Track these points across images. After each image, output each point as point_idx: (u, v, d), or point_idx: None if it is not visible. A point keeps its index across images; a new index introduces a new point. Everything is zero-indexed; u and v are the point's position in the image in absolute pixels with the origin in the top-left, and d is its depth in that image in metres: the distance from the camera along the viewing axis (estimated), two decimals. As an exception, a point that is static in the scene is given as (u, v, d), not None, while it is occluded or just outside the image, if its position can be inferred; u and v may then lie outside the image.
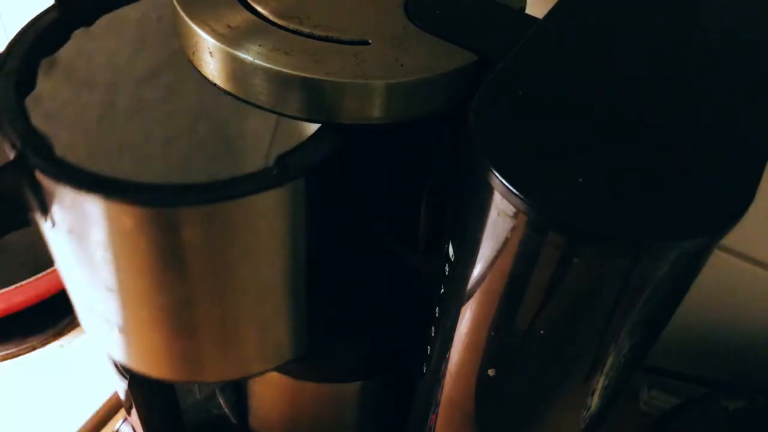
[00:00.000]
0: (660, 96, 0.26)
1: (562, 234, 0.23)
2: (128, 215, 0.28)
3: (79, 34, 0.35)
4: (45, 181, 0.28)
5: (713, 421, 0.41)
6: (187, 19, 0.31)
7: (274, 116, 0.41)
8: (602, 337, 0.26)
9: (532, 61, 0.27)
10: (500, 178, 0.22)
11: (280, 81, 0.29)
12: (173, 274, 0.31)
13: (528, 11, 0.35)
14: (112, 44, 0.37)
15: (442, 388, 0.34)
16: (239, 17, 0.31)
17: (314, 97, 0.29)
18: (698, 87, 0.27)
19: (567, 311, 0.25)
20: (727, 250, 0.45)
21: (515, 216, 0.23)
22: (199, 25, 0.30)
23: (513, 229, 0.24)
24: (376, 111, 0.30)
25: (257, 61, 0.29)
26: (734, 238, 0.29)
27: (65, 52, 0.35)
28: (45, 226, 0.31)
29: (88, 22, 0.36)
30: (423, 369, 0.36)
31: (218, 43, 0.30)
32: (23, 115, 0.30)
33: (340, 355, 0.44)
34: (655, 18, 0.30)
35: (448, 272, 0.30)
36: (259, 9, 0.32)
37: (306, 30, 0.31)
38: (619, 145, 0.24)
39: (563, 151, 0.24)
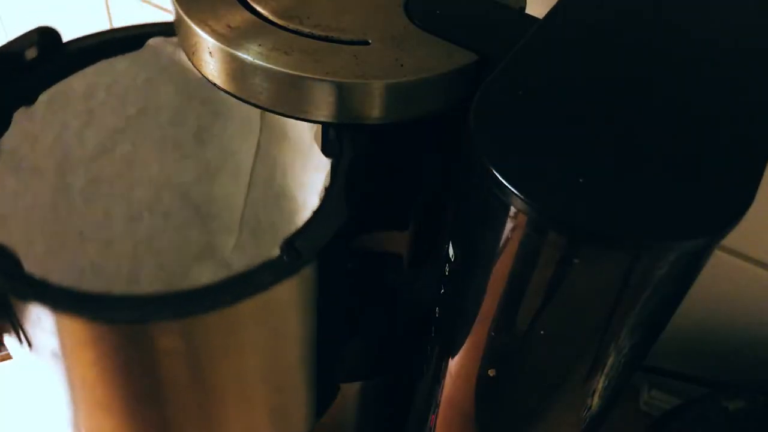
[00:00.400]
0: (660, 95, 0.26)
1: (563, 234, 0.23)
2: (113, 334, 0.25)
3: (20, 116, 0.31)
4: (18, 305, 0.25)
5: (713, 421, 0.41)
6: (186, 18, 0.31)
7: (244, 176, 0.40)
8: (602, 337, 0.26)
9: (532, 61, 0.27)
10: (500, 178, 0.22)
11: (279, 81, 0.29)
12: (159, 390, 0.28)
13: (528, 11, 0.35)
14: (58, 121, 0.33)
15: (442, 389, 0.34)
16: (239, 17, 0.31)
17: (314, 97, 0.29)
18: (699, 87, 0.27)
19: (567, 311, 0.25)
20: (727, 250, 0.45)
21: (515, 216, 0.23)
22: (198, 25, 0.30)
23: (513, 230, 0.24)
24: (375, 111, 0.30)
25: (257, 61, 0.29)
26: (734, 238, 0.29)
27: (7, 139, 0.31)
28: (17, 348, 0.28)
29: (28, 99, 0.31)
30: (423, 369, 0.36)
31: (218, 43, 0.30)
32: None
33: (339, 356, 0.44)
34: (656, 17, 0.30)
35: (448, 272, 0.30)
36: (259, 9, 0.32)
37: (306, 30, 0.31)
38: (620, 144, 0.24)
39: (563, 151, 0.24)
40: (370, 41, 0.31)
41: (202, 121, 0.39)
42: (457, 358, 0.31)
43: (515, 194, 0.22)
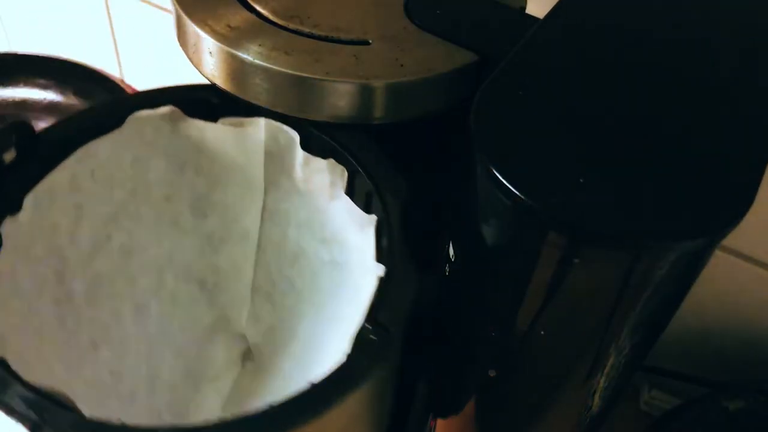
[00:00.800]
0: (661, 96, 0.26)
1: (563, 234, 0.23)
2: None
3: (7, 229, 0.29)
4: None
5: (713, 421, 0.41)
6: (187, 18, 0.31)
7: (251, 241, 0.37)
8: (602, 338, 0.26)
9: (532, 61, 0.27)
10: (500, 178, 0.22)
11: (280, 81, 0.29)
12: None
13: (528, 11, 0.35)
14: (47, 225, 0.31)
15: (442, 389, 0.34)
16: (239, 17, 0.31)
17: (314, 97, 0.29)
18: (699, 87, 0.27)
19: (567, 311, 0.25)
20: (728, 250, 0.45)
21: (515, 216, 0.23)
22: (199, 25, 0.30)
23: (513, 230, 0.24)
24: (376, 111, 0.30)
25: (257, 61, 0.29)
26: (735, 238, 0.29)
27: (1, 262, 0.28)
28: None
29: (13, 206, 0.29)
30: (423, 369, 0.36)
31: (218, 43, 0.30)
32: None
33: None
34: (657, 18, 0.30)
35: (448, 272, 0.29)
36: (259, 9, 0.32)
37: (306, 30, 0.31)
38: (620, 145, 0.24)
39: (564, 151, 0.24)
40: (370, 41, 0.31)
41: (199, 191, 0.36)
42: (456, 358, 0.31)
43: (515, 194, 0.22)
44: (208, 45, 0.30)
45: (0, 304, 0.28)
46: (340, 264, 0.34)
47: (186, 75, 0.33)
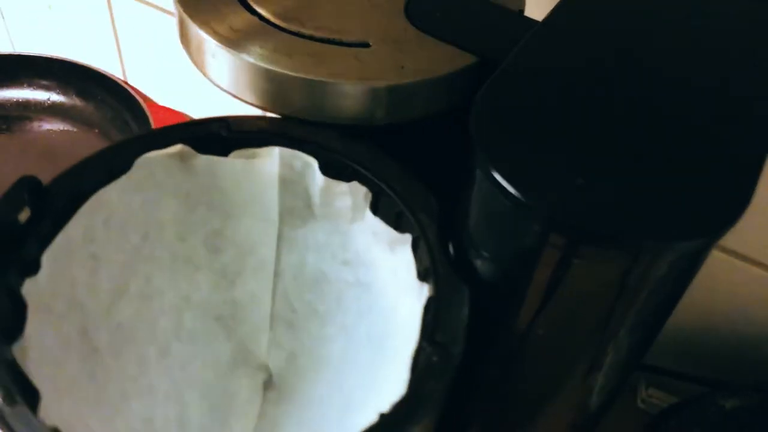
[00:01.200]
0: (660, 97, 0.26)
1: (562, 234, 0.23)
2: None
3: (28, 290, 0.28)
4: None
5: (710, 419, 0.42)
6: (189, 20, 0.31)
7: (267, 271, 0.37)
8: (600, 336, 0.26)
9: (532, 63, 0.27)
10: (500, 178, 0.22)
11: (281, 82, 0.29)
12: None
13: (527, 13, 0.35)
14: (66, 281, 0.30)
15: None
16: (241, 19, 0.31)
17: (315, 99, 0.30)
18: (699, 88, 0.27)
19: (566, 310, 0.26)
20: (725, 249, 0.45)
21: (515, 216, 0.23)
22: (201, 27, 0.31)
23: (513, 230, 0.24)
24: (376, 112, 0.30)
25: (259, 63, 0.29)
26: (731, 237, 0.29)
27: (28, 329, 0.27)
28: None
29: (32, 267, 0.28)
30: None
31: (220, 45, 0.30)
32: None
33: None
34: (656, 19, 0.30)
35: (449, 272, 0.30)
36: (261, 11, 0.32)
37: (307, 32, 0.31)
38: (619, 145, 0.24)
39: (563, 152, 0.24)
40: (371, 43, 0.31)
41: (212, 227, 0.36)
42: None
43: (515, 194, 0.22)
44: (211, 47, 0.30)
45: (35, 370, 0.27)
46: (368, 285, 0.34)
47: (188, 77, 0.33)
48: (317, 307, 0.37)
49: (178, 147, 0.32)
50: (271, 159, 0.32)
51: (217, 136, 0.32)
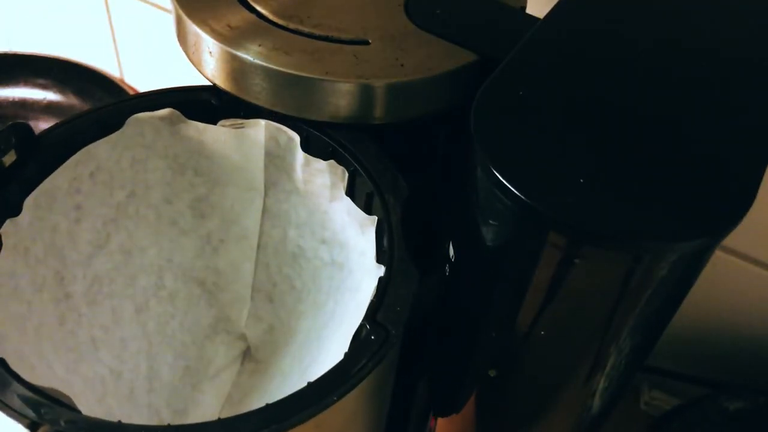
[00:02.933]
0: (661, 96, 0.26)
1: (563, 234, 0.23)
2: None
3: (7, 230, 0.29)
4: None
5: (714, 421, 0.41)
6: (187, 18, 0.31)
7: (250, 242, 0.37)
8: (603, 338, 0.26)
9: (532, 61, 0.27)
10: (501, 178, 0.22)
11: (280, 81, 0.29)
12: None
13: (528, 11, 0.35)
14: (47, 226, 0.31)
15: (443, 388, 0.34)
16: (239, 17, 0.31)
17: (314, 97, 0.29)
18: (699, 87, 0.27)
19: (568, 312, 0.25)
20: (728, 250, 0.45)
21: (515, 216, 0.23)
22: (199, 25, 0.30)
23: (513, 230, 0.24)
24: (375, 111, 0.30)
25: (257, 61, 0.29)
26: (735, 238, 0.29)
27: (1, 262, 0.29)
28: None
29: (13, 209, 0.29)
30: (424, 369, 0.36)
31: (218, 43, 0.30)
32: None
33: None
34: (656, 18, 0.30)
35: (448, 272, 0.29)
36: (259, 9, 0.32)
37: (306, 30, 0.31)
38: (621, 145, 0.24)
39: (564, 151, 0.24)
40: (370, 41, 0.31)
41: (198, 193, 0.37)
42: (456, 358, 0.31)
43: (516, 194, 0.22)
44: (208, 45, 0.30)
45: (2, 306, 0.28)
46: (340, 264, 0.34)
47: (186, 75, 0.33)
48: (294, 283, 0.38)
49: (167, 110, 0.33)
50: (258, 130, 0.33)
51: (207, 104, 0.33)
